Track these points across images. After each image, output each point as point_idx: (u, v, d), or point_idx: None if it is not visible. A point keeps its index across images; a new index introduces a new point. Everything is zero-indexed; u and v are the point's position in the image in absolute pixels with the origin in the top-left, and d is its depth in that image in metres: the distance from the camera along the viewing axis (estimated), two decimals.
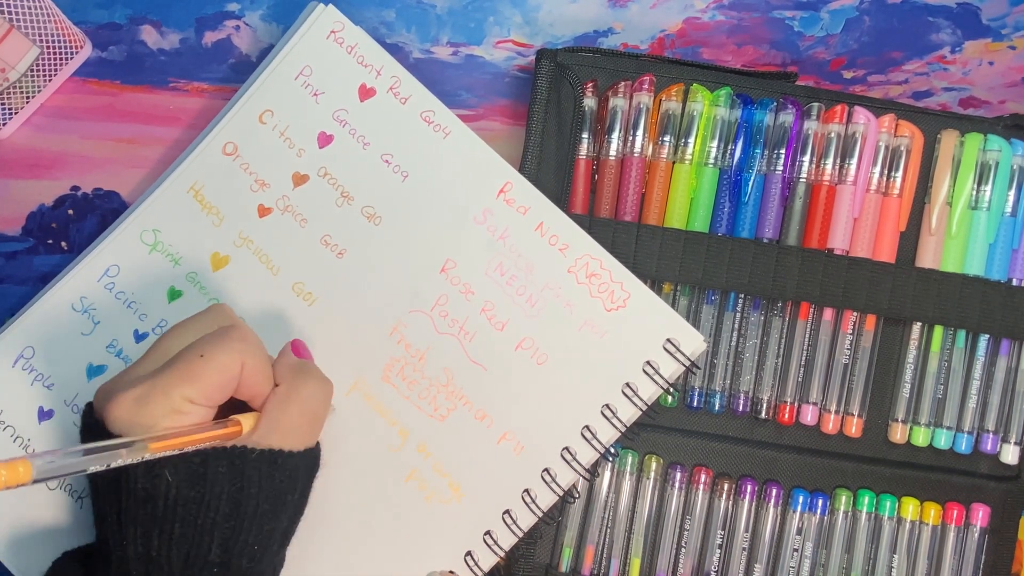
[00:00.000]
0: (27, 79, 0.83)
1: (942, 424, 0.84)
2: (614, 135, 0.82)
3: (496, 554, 0.77)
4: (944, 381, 0.84)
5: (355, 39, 0.81)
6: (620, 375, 0.78)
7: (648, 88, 0.82)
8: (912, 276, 0.82)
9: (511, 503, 0.78)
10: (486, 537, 0.77)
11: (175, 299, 0.80)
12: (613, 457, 0.82)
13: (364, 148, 0.80)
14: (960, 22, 0.89)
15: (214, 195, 0.81)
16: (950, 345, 0.84)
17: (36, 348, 0.79)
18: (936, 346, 0.84)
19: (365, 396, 0.79)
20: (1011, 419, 0.84)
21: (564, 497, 0.78)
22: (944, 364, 0.84)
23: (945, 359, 0.84)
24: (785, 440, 0.84)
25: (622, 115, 0.82)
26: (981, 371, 0.84)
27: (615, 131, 0.82)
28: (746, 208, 0.82)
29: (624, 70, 0.83)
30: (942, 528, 0.84)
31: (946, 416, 0.84)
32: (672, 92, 0.83)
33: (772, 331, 0.83)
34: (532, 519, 0.77)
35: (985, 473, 0.85)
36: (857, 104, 0.83)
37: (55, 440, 0.78)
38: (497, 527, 0.77)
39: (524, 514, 0.77)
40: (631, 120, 0.82)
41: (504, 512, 0.77)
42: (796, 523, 0.84)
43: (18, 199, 0.86)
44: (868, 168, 0.83)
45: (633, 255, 0.81)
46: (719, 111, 0.82)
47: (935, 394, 0.84)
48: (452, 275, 0.79)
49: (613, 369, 0.78)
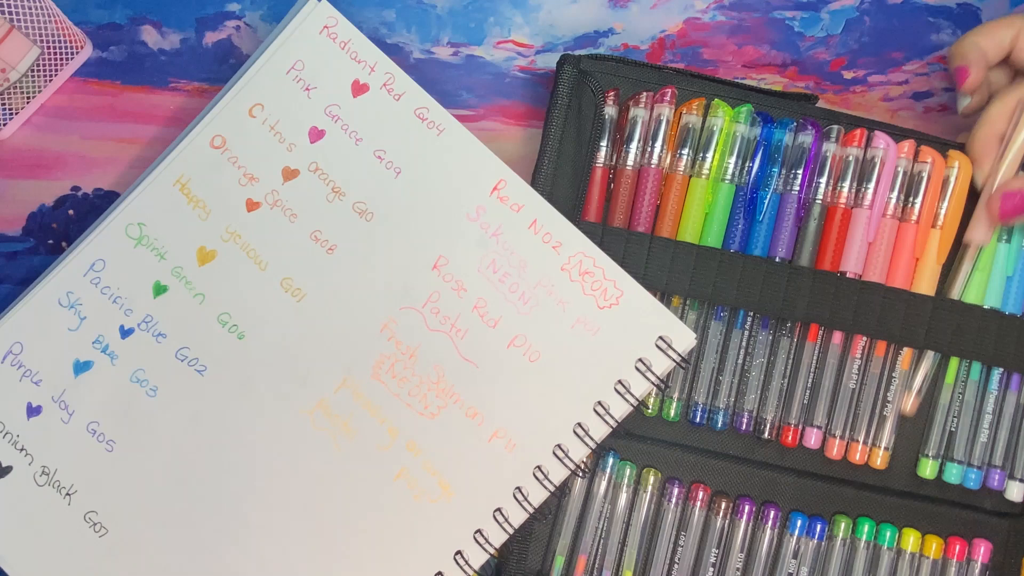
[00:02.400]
0: (27, 79, 0.85)
1: (952, 457, 0.84)
2: (632, 145, 0.83)
3: (487, 552, 0.78)
4: (957, 414, 0.84)
5: (348, 35, 0.82)
6: (612, 373, 0.79)
7: (670, 100, 0.83)
8: (926, 305, 0.82)
9: (502, 501, 0.78)
10: (476, 536, 0.78)
11: (161, 294, 0.80)
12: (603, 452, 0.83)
13: (356, 144, 0.81)
14: (960, 22, 0.90)
15: (201, 189, 0.81)
16: (964, 377, 0.84)
17: (24, 344, 0.80)
18: (950, 378, 0.84)
19: (354, 393, 0.79)
20: (1018, 456, 0.84)
21: (556, 494, 0.79)
22: (958, 396, 0.84)
23: (959, 391, 0.84)
24: (786, 462, 0.85)
25: (642, 125, 0.83)
26: (994, 405, 0.84)
27: (634, 141, 0.83)
28: (760, 226, 0.83)
29: (646, 81, 0.84)
30: (943, 562, 0.84)
31: (957, 449, 0.84)
32: (693, 106, 0.83)
33: (780, 351, 0.84)
34: (523, 516, 0.78)
35: (989, 509, 0.85)
36: (878, 129, 0.83)
37: (44, 436, 0.79)
38: (488, 525, 0.78)
39: (515, 512, 0.78)
40: (650, 131, 0.83)
41: (495, 510, 0.78)
42: (793, 547, 0.84)
43: (18, 199, 0.87)
44: (885, 193, 0.83)
45: (644, 266, 0.82)
46: (739, 128, 0.83)
47: (947, 426, 0.84)
48: (444, 272, 0.80)
49: (605, 367, 0.79)
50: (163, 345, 0.80)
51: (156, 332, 0.80)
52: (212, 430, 0.80)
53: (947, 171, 0.83)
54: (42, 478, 0.79)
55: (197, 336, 0.80)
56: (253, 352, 0.80)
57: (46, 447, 0.80)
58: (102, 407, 0.80)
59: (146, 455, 0.79)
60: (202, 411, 0.80)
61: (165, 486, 0.79)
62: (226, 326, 0.80)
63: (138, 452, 0.79)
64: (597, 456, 0.83)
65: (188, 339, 0.80)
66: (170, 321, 0.80)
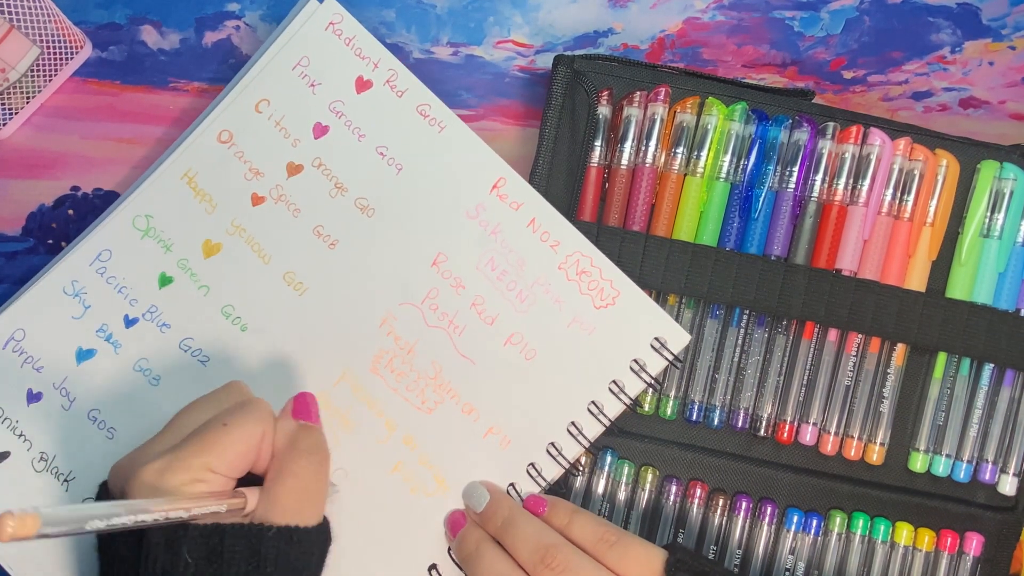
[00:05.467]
0: (27, 79, 0.86)
1: (941, 452, 0.86)
2: (627, 144, 0.85)
3: None
4: (946, 408, 0.87)
5: (353, 31, 0.84)
6: (607, 372, 0.82)
7: (663, 99, 0.85)
8: (919, 301, 0.85)
9: None
10: None
11: (166, 285, 0.83)
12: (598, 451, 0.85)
13: (359, 140, 0.84)
14: (960, 22, 0.92)
15: (208, 182, 0.83)
16: (953, 372, 0.87)
17: (27, 330, 0.82)
18: (939, 372, 0.87)
19: (353, 387, 0.82)
20: (1011, 450, 0.87)
21: (549, 492, 0.82)
22: (947, 391, 0.87)
23: (948, 386, 0.87)
24: (782, 459, 0.87)
25: (636, 125, 0.85)
26: (984, 400, 0.87)
27: (628, 140, 0.85)
28: (755, 224, 0.85)
29: (640, 80, 0.86)
30: (935, 555, 0.87)
31: (946, 444, 0.86)
32: (687, 104, 0.85)
33: (775, 349, 0.86)
34: None
35: (982, 502, 0.87)
36: (874, 125, 0.85)
37: (44, 423, 0.81)
38: None
39: None
40: (644, 130, 0.85)
41: None
42: (789, 542, 0.86)
43: (18, 199, 0.89)
44: (881, 190, 0.85)
45: (640, 265, 0.84)
46: (733, 125, 0.85)
47: (935, 421, 0.87)
48: (443, 269, 0.83)
49: (600, 366, 0.82)
50: (167, 335, 0.82)
51: (160, 322, 0.82)
52: None
53: (937, 169, 0.86)
54: (40, 464, 0.80)
55: (201, 327, 0.83)
56: (255, 344, 0.82)
57: (45, 433, 0.81)
58: (104, 395, 0.82)
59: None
60: None
61: None
62: (229, 318, 0.82)
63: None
64: (595, 455, 0.85)
65: (192, 330, 0.82)
66: (174, 312, 0.83)
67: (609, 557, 0.74)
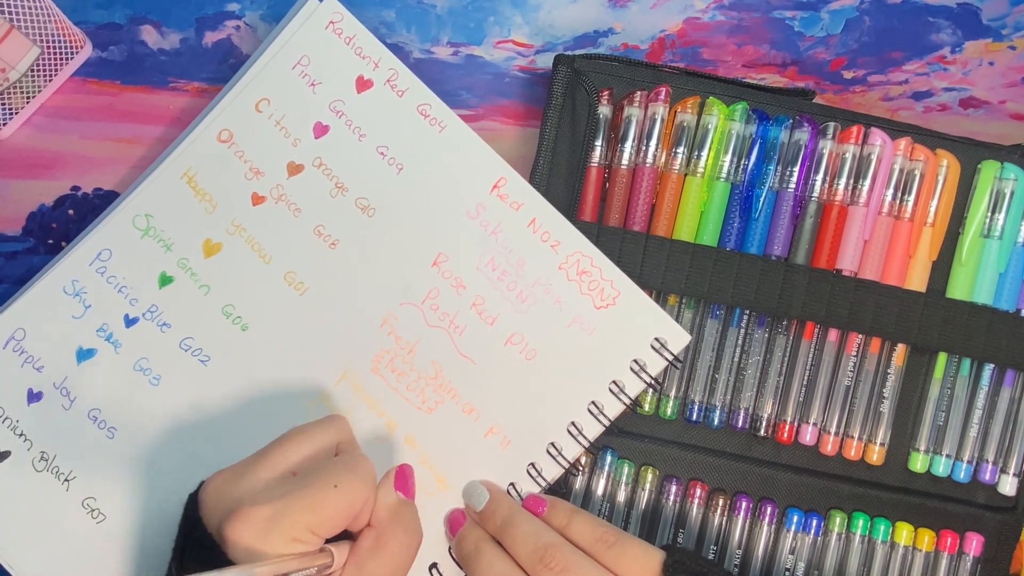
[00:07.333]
0: (27, 79, 0.87)
1: (941, 452, 0.88)
2: (627, 144, 0.86)
3: None
4: (946, 409, 0.88)
5: (353, 30, 0.85)
6: (607, 373, 0.83)
7: (664, 99, 0.86)
8: (919, 302, 0.86)
9: None
10: None
11: (166, 284, 0.83)
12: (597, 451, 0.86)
13: (360, 140, 0.85)
14: (960, 22, 0.93)
15: (208, 182, 0.84)
16: (954, 372, 0.88)
17: (27, 330, 0.82)
18: (939, 373, 0.88)
19: (354, 387, 0.83)
20: (1011, 450, 0.88)
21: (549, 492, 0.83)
22: (947, 392, 0.88)
23: (948, 386, 0.88)
24: (783, 459, 0.88)
25: (636, 124, 0.86)
26: (984, 400, 0.88)
27: (628, 140, 0.86)
28: (756, 224, 0.86)
29: (640, 79, 0.87)
30: (935, 555, 0.88)
31: (946, 444, 0.88)
32: (688, 104, 0.86)
33: (776, 349, 0.87)
34: None
35: (982, 503, 0.89)
36: (874, 125, 0.86)
37: (44, 422, 0.82)
38: None
39: None
40: (645, 130, 0.86)
41: None
42: (789, 542, 0.87)
43: (18, 199, 0.90)
44: (881, 190, 0.86)
45: (640, 265, 0.85)
46: (734, 125, 0.86)
47: (935, 421, 0.88)
48: (444, 268, 0.84)
49: (600, 367, 0.83)
50: (167, 335, 0.83)
51: (161, 322, 0.83)
52: (214, 420, 0.83)
53: (938, 169, 0.87)
54: (40, 463, 0.82)
55: (201, 327, 0.84)
56: (256, 344, 0.83)
57: (46, 433, 0.82)
58: (104, 394, 0.83)
59: (147, 443, 0.82)
60: (204, 401, 0.83)
61: (165, 474, 0.82)
62: (230, 318, 0.84)
63: (139, 440, 0.81)
64: (595, 455, 0.86)
65: (192, 329, 0.83)
66: (175, 311, 0.83)
67: (608, 557, 0.75)
